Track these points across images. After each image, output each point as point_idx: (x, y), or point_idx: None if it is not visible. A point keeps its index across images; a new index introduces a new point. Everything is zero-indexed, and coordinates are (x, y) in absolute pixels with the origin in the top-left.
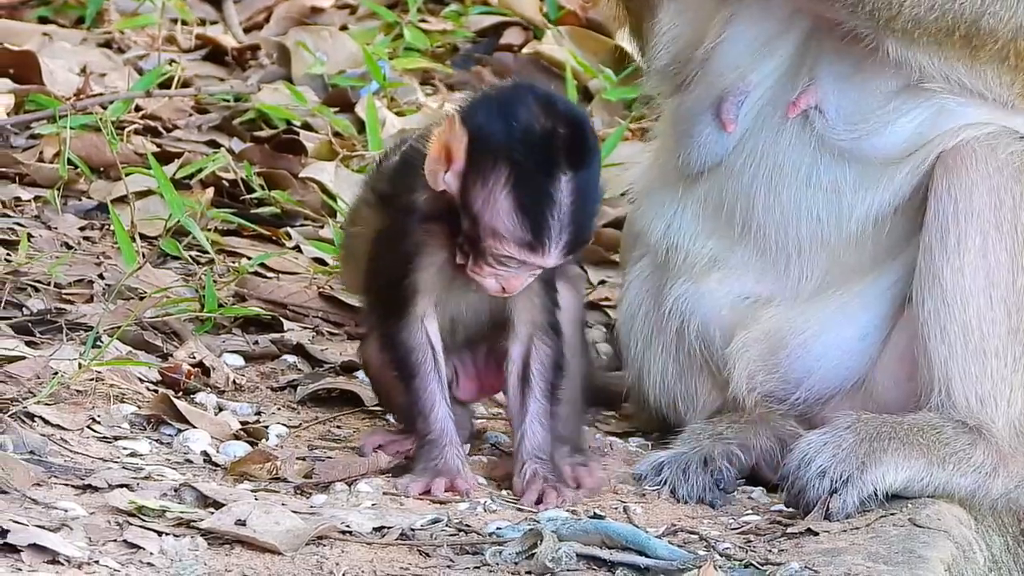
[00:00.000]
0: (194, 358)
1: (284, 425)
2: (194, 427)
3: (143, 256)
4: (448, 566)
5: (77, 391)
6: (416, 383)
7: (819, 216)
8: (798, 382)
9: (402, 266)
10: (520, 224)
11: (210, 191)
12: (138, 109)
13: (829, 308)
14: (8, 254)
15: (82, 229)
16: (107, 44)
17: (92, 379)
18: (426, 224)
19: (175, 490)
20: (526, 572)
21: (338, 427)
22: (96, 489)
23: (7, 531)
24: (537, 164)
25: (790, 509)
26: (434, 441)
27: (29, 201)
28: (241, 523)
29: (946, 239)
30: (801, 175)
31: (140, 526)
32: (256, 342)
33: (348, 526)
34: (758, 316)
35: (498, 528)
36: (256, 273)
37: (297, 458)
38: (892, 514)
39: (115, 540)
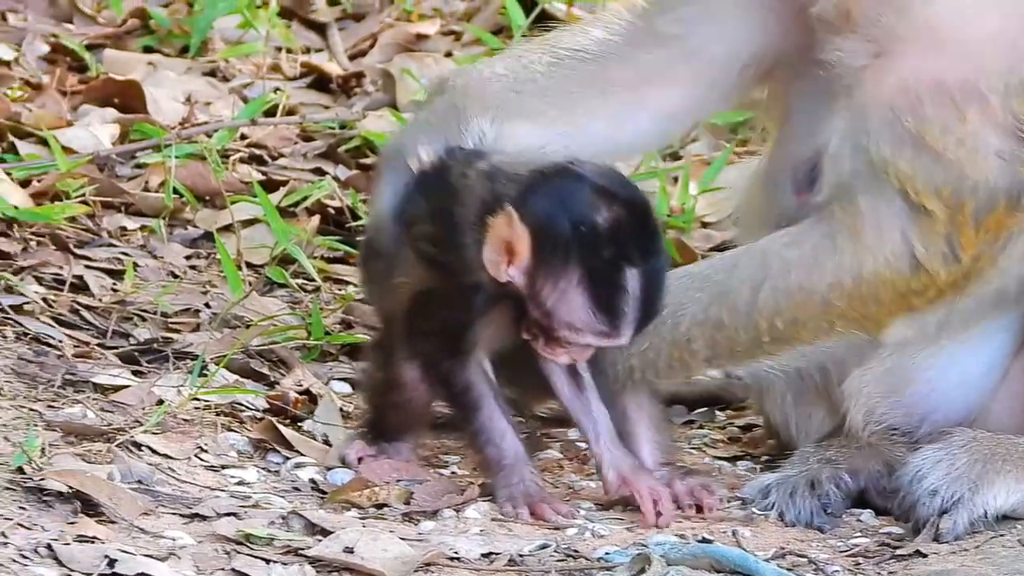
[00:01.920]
0: (301, 386)
1: None
2: (301, 455)
3: (249, 284)
4: None
5: (184, 420)
6: (482, 416)
7: None
8: (923, 417)
9: (460, 326)
10: (597, 318)
11: (316, 219)
12: (243, 137)
13: (955, 344)
14: (114, 284)
15: (188, 258)
16: (212, 73)
17: (199, 408)
18: (489, 301)
19: (283, 518)
20: None
21: (443, 451)
22: (204, 518)
23: (115, 560)
24: (608, 259)
25: (899, 531)
26: (512, 466)
27: (135, 230)
28: (349, 550)
29: None
30: None
31: (248, 554)
32: (363, 369)
33: (456, 552)
34: (877, 354)
35: (607, 553)
36: (362, 300)
37: (397, 481)
38: (1001, 535)
39: (223, 569)
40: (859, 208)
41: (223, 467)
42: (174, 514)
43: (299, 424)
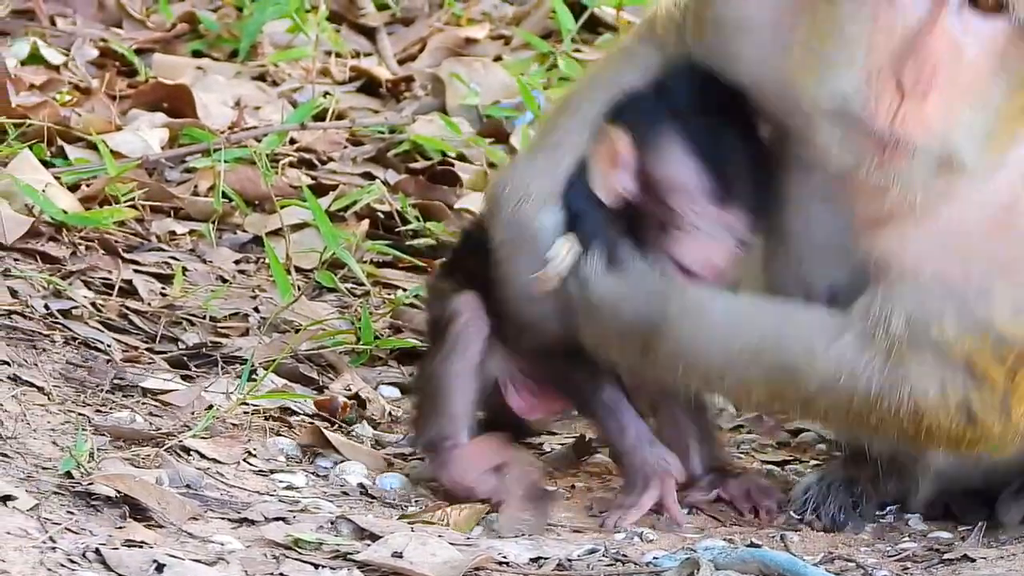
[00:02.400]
0: (350, 390)
1: None
2: (350, 460)
3: (298, 289)
4: None
5: (233, 424)
6: (612, 414)
7: None
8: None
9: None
10: (706, 176)
11: (365, 223)
12: (292, 142)
13: None
14: (163, 288)
15: (237, 262)
16: (261, 77)
17: (248, 412)
18: None
19: (331, 522)
20: None
21: None
22: (252, 522)
23: (164, 565)
24: (705, 125)
25: (947, 536)
26: (639, 446)
27: (184, 235)
28: (398, 555)
29: None
30: None
31: (297, 559)
32: (412, 374)
33: (505, 557)
34: None
35: (655, 558)
36: (411, 305)
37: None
38: None
39: (272, 573)
40: (924, 365)
41: (272, 472)
42: (222, 519)
43: (348, 428)
